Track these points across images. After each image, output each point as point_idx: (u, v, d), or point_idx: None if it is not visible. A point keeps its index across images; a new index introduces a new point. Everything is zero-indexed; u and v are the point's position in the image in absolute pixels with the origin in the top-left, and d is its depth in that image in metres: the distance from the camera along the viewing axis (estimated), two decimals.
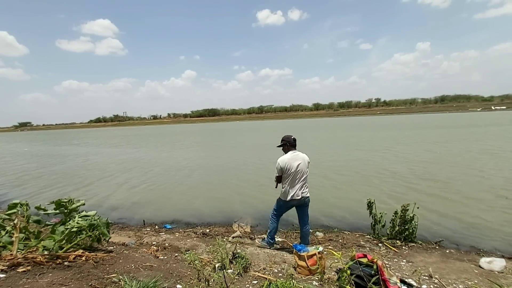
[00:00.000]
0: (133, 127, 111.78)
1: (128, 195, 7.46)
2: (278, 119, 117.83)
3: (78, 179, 9.91)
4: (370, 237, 4.32)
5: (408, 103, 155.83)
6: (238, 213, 5.70)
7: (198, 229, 4.93)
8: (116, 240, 3.95)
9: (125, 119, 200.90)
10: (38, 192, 8.20)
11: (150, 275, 2.25)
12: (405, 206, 4.03)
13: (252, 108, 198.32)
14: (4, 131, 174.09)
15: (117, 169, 11.74)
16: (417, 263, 3.32)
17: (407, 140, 17.34)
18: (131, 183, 8.87)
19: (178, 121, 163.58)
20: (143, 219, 5.51)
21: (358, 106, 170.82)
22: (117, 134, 53.18)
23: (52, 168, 12.87)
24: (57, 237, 2.44)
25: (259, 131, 38.90)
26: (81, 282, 1.89)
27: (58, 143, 32.19)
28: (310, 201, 3.78)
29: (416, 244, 3.98)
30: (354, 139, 19.63)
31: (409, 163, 9.86)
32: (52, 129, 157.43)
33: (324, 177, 8.40)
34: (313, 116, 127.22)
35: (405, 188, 6.87)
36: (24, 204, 2.74)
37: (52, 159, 16.49)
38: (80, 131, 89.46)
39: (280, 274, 2.97)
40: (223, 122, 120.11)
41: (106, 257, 2.50)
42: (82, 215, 2.78)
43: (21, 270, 1.93)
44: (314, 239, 4.35)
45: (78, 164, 14.24)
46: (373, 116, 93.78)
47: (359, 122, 50.13)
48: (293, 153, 3.62)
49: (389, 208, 4.74)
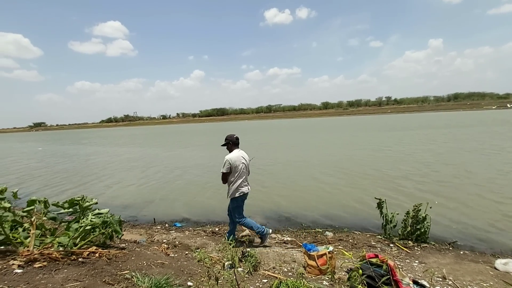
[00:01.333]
0: (143, 127, 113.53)
1: (138, 194, 7.59)
2: (287, 119, 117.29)
3: (88, 178, 10.14)
4: (381, 238, 4.25)
5: (420, 101, 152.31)
6: (247, 212, 5.70)
7: (208, 228, 4.96)
8: (128, 238, 4.02)
9: (136, 119, 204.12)
10: (51, 189, 8.43)
11: (161, 272, 2.29)
12: (417, 206, 3.95)
13: (260, 107, 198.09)
14: (19, 131, 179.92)
15: (126, 168, 11.95)
16: (430, 264, 3.25)
17: (420, 139, 16.99)
18: (141, 181, 9.01)
19: (187, 121, 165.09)
20: (153, 217, 5.60)
21: (368, 104, 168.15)
22: (127, 134, 54.13)
23: (62, 167, 13.22)
24: (72, 234, 2.50)
25: (267, 131, 38.82)
26: (95, 278, 1.93)
27: (70, 143, 33.00)
28: (320, 201, 3.76)
29: (429, 245, 3.89)
30: (363, 139, 19.36)
31: (422, 163, 9.66)
32: (65, 129, 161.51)
33: (334, 177, 8.33)
34: (322, 115, 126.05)
35: (417, 188, 6.73)
36: (41, 201, 2.82)
37: (64, 159, 16.92)
38: (92, 131, 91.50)
39: (290, 274, 2.96)
40: (231, 122, 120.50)
41: (118, 254, 2.55)
42: (96, 212, 2.84)
43: (38, 266, 1.99)
44: (323, 239, 4.31)
45: (88, 163, 14.57)
46: (384, 115, 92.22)
47: (369, 122, 49.37)
48: (238, 151, 3.80)
49: (401, 208, 4.66)
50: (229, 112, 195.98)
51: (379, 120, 53.95)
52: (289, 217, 5.46)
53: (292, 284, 1.99)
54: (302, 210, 5.78)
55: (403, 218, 4.12)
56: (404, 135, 20.16)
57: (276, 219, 5.39)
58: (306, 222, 5.14)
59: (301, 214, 5.57)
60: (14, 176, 11.38)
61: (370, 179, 7.77)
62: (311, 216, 5.42)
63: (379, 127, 31.89)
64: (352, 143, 17.12)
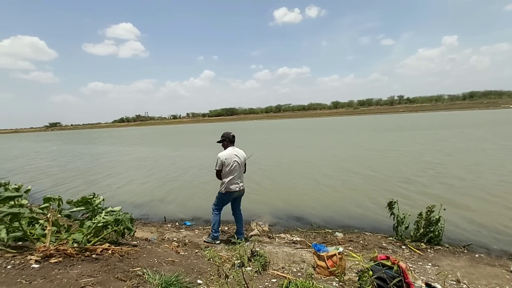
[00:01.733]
0: (154, 127, 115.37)
1: (149, 192, 7.71)
2: (296, 118, 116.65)
3: (99, 176, 10.38)
4: (393, 239, 4.18)
5: (434, 100, 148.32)
6: (257, 212, 5.72)
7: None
8: (139, 235, 4.10)
9: (147, 119, 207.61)
10: (63, 187, 8.69)
11: (172, 269, 2.32)
12: (430, 208, 3.86)
13: (269, 107, 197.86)
14: (36, 131, 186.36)
15: (137, 167, 12.17)
16: (443, 267, 3.17)
17: (432, 139, 16.58)
18: (151, 180, 9.16)
19: (197, 121, 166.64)
20: (164, 216, 5.68)
21: (380, 104, 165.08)
22: (138, 133, 55.15)
23: (74, 165, 13.59)
24: (85, 231, 2.57)
25: (276, 130, 38.71)
26: (108, 274, 1.98)
27: (83, 143, 33.89)
28: (330, 201, 3.74)
29: (442, 247, 3.80)
30: (373, 139, 19.06)
31: (433, 164, 9.43)
32: (80, 129, 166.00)
33: (343, 177, 8.23)
34: (332, 115, 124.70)
35: (428, 189, 6.57)
36: (56, 199, 2.91)
37: (76, 158, 17.39)
38: (105, 131, 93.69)
39: (299, 274, 2.95)
40: (241, 122, 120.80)
41: (130, 251, 2.60)
42: (108, 210, 2.91)
43: (53, 261, 2.05)
44: (333, 240, 4.27)
45: (100, 162, 14.91)
46: (396, 114, 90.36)
47: (380, 121, 48.50)
48: (232, 149, 3.90)
49: (412, 209, 4.56)
50: (238, 112, 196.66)
51: (391, 119, 52.96)
52: (298, 217, 5.43)
53: (301, 285, 1.99)
54: (312, 210, 5.74)
55: (415, 219, 4.03)
56: (415, 135, 19.72)
57: (285, 219, 5.38)
58: (316, 222, 5.11)
59: (311, 214, 5.53)
60: (29, 174, 11.78)
61: (379, 180, 7.64)
62: (320, 216, 5.38)
63: (390, 126, 31.32)
64: (361, 143, 16.87)
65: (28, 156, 20.42)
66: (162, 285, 1.87)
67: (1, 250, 2.13)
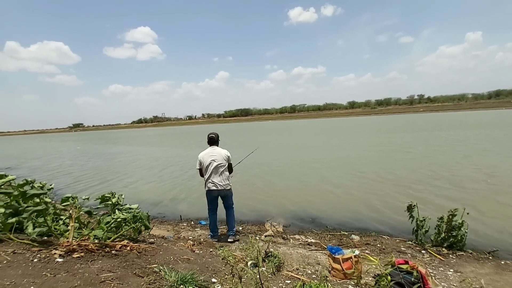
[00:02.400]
0: (170, 127, 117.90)
1: (165, 191, 7.88)
2: (311, 119, 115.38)
3: (117, 175, 10.73)
4: (412, 243, 4.03)
5: (457, 99, 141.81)
6: (271, 212, 5.71)
7: None
8: (156, 233, 4.21)
9: (164, 120, 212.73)
10: (82, 184, 9.05)
11: (187, 267, 2.36)
12: (452, 211, 3.70)
13: (284, 107, 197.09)
14: (60, 131, 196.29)
15: (153, 166, 12.46)
16: (466, 274, 3.03)
17: (453, 140, 15.90)
18: (167, 179, 9.35)
19: (212, 121, 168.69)
20: (179, 215, 5.79)
21: (399, 103, 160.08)
22: (155, 134, 56.58)
23: (94, 164, 14.13)
24: (105, 227, 2.67)
25: (291, 131, 38.47)
26: (126, 270, 2.04)
27: (103, 143, 35.18)
28: (346, 203, 3.67)
29: (465, 253, 3.63)
30: (391, 140, 18.51)
31: (454, 166, 9.03)
32: (101, 130, 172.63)
33: (360, 178, 8.05)
34: (348, 115, 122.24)
35: (449, 192, 6.30)
36: (75, 197, 3.04)
37: (96, 157, 18.07)
38: (124, 131, 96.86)
39: (314, 276, 2.91)
40: (255, 122, 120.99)
41: (148, 248, 2.67)
42: (126, 207, 3.01)
43: (76, 256, 2.14)
44: (349, 242, 4.18)
45: (117, 161, 15.41)
46: (415, 114, 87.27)
47: (398, 121, 47.05)
48: (211, 149, 4.07)
49: (432, 212, 4.39)
50: (253, 112, 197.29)
51: (410, 119, 51.20)
52: (313, 218, 5.37)
53: (315, 287, 1.96)
54: (327, 211, 5.65)
55: (436, 223, 3.88)
56: (435, 135, 18.96)
57: (299, 220, 5.33)
58: (331, 224, 5.03)
59: (325, 215, 5.45)
60: (50, 172, 12.37)
61: (396, 182, 7.41)
62: (335, 218, 5.28)
63: (410, 127, 30.30)
64: (377, 144, 16.43)
65: (52, 155, 21.46)
66: (177, 282, 1.90)
67: (28, 244, 2.24)
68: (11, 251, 2.06)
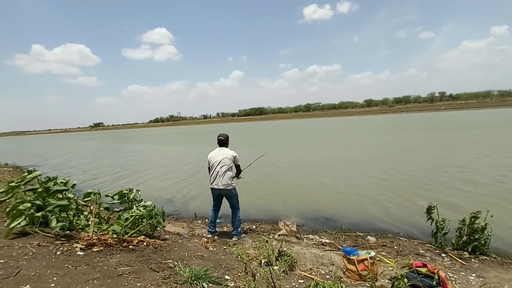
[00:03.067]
0: (186, 126, 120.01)
1: (179, 189, 8.03)
2: (326, 117, 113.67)
3: (132, 172, 11.04)
4: (432, 246, 3.89)
5: (481, 97, 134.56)
6: (284, 212, 5.69)
7: (245, 225, 5.05)
8: (171, 230, 4.30)
9: (179, 119, 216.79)
10: (100, 180, 9.38)
11: (201, 264, 2.40)
12: (475, 214, 3.54)
13: (299, 106, 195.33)
14: (82, 130, 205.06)
15: (168, 164, 12.72)
16: (489, 279, 2.89)
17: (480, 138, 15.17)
18: (183, 177, 9.54)
19: (226, 120, 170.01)
20: (194, 212, 5.88)
21: (418, 101, 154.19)
22: (171, 132, 57.78)
23: (112, 161, 14.61)
24: (123, 223, 2.76)
25: (306, 130, 38.10)
26: (143, 264, 2.10)
27: (121, 141, 36.35)
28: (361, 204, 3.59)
29: (489, 258, 3.46)
30: (408, 140, 17.92)
31: (482, 167, 8.61)
32: (120, 129, 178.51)
33: (377, 179, 7.86)
34: (365, 113, 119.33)
35: (475, 193, 6.02)
36: (96, 193, 3.16)
37: (115, 154, 18.68)
38: (141, 130, 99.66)
39: (328, 276, 2.88)
40: (270, 121, 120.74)
41: (163, 244, 2.73)
42: (141, 204, 3.09)
43: (96, 250, 2.23)
44: (365, 243, 4.09)
45: (134, 158, 15.87)
46: (436, 112, 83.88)
47: (418, 120, 45.43)
48: (218, 149, 4.20)
49: (455, 214, 4.22)
50: (267, 111, 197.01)
51: (430, 118, 49.32)
52: (327, 218, 5.30)
53: (329, 287, 1.94)
54: (341, 211, 5.56)
55: (457, 225, 3.72)
56: (457, 135, 18.16)
57: (313, 220, 5.28)
58: (346, 225, 4.94)
59: (340, 216, 5.37)
60: (71, 169, 12.92)
61: (414, 182, 7.16)
62: (351, 219, 5.19)
63: (428, 126, 29.21)
64: (395, 143, 15.96)
65: (73, 153, 22.42)
66: (191, 278, 1.94)
67: (52, 238, 2.36)
68: (36, 243, 2.17)
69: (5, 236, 2.25)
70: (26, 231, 2.39)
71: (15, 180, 2.68)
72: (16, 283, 1.56)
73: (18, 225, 2.33)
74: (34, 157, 21.06)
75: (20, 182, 2.65)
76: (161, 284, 1.83)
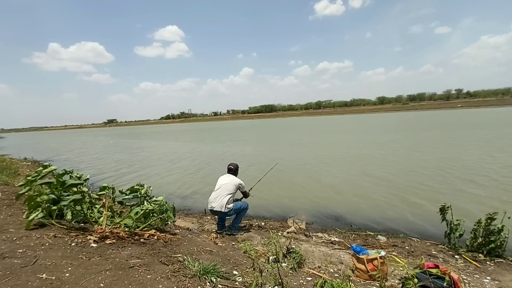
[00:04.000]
0: (196, 123, 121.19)
1: (190, 185, 8.13)
2: (337, 115, 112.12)
3: (141, 167, 11.24)
4: (445, 247, 3.80)
5: (500, 94, 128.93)
6: (294, 209, 5.67)
7: (254, 222, 5.08)
8: (181, 225, 4.37)
9: (190, 116, 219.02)
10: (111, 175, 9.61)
11: (210, 258, 2.43)
12: (491, 215, 3.42)
13: (309, 103, 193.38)
14: (96, 126, 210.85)
15: (178, 160, 12.90)
16: (505, 283, 2.80)
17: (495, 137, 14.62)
18: (193, 173, 9.65)
19: (236, 117, 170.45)
20: (204, 208, 5.95)
21: (433, 98, 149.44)
22: (181, 129, 58.51)
23: (123, 157, 14.93)
24: (134, 217, 2.82)
25: (316, 127, 37.73)
26: (153, 258, 2.15)
27: (133, 138, 37.10)
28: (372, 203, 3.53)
29: (505, 261, 3.35)
30: (422, 137, 17.46)
31: (497, 167, 8.31)
32: (132, 125, 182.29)
33: (388, 177, 7.72)
34: (377, 111, 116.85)
35: (486, 194, 5.82)
36: (110, 187, 3.24)
37: (126, 150, 19.09)
38: (153, 127, 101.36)
39: (336, 275, 2.86)
40: (280, 118, 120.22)
41: (173, 239, 2.79)
42: (153, 199, 3.15)
43: (108, 242, 2.29)
44: (375, 243, 4.04)
45: (144, 155, 16.17)
46: (452, 110, 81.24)
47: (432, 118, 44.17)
48: (227, 175, 4.44)
49: (468, 216, 4.10)
50: (277, 108, 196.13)
51: (446, 116, 47.83)
52: (337, 216, 5.25)
53: (337, 285, 1.92)
54: (352, 210, 5.50)
55: (472, 227, 3.61)
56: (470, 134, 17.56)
57: (323, 218, 5.24)
58: (356, 224, 4.89)
59: (350, 214, 5.31)
60: (84, 164, 13.29)
61: (426, 183, 6.98)
62: (361, 218, 5.12)
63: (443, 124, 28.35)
64: (407, 142, 15.58)
65: (86, 148, 23.07)
66: (200, 272, 1.97)
67: (67, 229, 2.44)
68: (52, 235, 2.26)
69: (25, 227, 2.34)
70: (43, 223, 2.48)
71: (32, 175, 2.79)
72: (33, 272, 1.63)
73: (36, 217, 2.42)
74: (50, 151, 21.82)
75: (36, 176, 2.75)
76: (171, 277, 1.86)
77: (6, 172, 7.55)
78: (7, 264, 1.68)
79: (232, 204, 4.21)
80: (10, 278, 1.54)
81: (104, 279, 1.68)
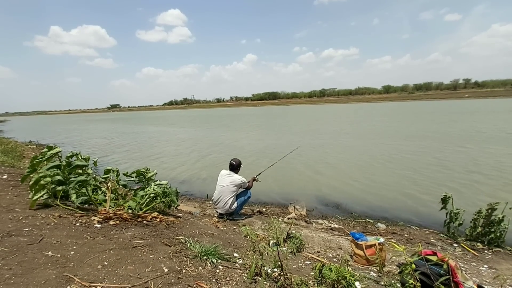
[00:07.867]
0: (199, 110, 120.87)
1: (194, 171, 8.21)
2: (342, 103, 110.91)
3: (148, 153, 11.33)
4: (444, 236, 3.84)
5: (510, 84, 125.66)
6: (295, 196, 5.72)
7: (255, 207, 5.15)
8: (184, 209, 4.44)
9: (193, 102, 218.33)
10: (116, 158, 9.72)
11: (211, 241, 2.48)
12: (492, 205, 3.43)
13: (313, 91, 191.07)
14: (100, 111, 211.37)
15: (181, 146, 12.97)
16: (502, 271, 2.84)
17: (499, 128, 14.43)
18: (196, 159, 9.71)
19: (239, 104, 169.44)
20: (206, 194, 6.03)
21: (440, 88, 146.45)
22: (185, 115, 58.43)
23: (126, 141, 15.04)
24: (138, 199, 2.87)
25: (319, 116, 37.47)
26: (155, 239, 2.20)
27: (136, 123, 37.19)
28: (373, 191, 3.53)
29: (503, 250, 3.38)
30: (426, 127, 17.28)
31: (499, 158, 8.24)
32: (135, 111, 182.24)
33: (389, 167, 7.71)
34: (382, 100, 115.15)
35: (489, 184, 5.81)
36: (115, 170, 3.28)
37: (129, 135, 19.20)
38: (155, 113, 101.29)
39: (335, 260, 2.92)
40: (283, 106, 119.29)
41: (175, 221, 2.84)
42: (157, 183, 3.19)
43: (112, 223, 2.35)
44: (374, 230, 4.09)
45: (149, 140, 16.26)
46: (459, 100, 79.81)
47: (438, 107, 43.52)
48: (228, 173, 4.36)
49: (467, 206, 4.11)
50: (281, 96, 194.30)
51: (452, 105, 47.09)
52: (337, 204, 5.30)
53: (335, 269, 1.96)
54: (352, 198, 5.54)
55: (472, 217, 3.63)
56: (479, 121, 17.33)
57: (323, 205, 5.29)
58: (356, 211, 4.93)
59: (351, 202, 5.35)
60: (90, 147, 13.42)
61: (427, 173, 6.97)
62: (361, 206, 5.17)
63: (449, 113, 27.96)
64: (411, 131, 15.45)
65: (90, 133, 23.23)
66: (201, 254, 2.01)
67: (72, 210, 2.49)
68: (57, 215, 2.31)
69: (30, 206, 2.40)
70: (49, 203, 2.53)
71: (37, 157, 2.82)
72: (39, 250, 1.68)
73: (41, 198, 2.47)
74: (55, 135, 22.02)
75: (41, 158, 2.78)
76: (173, 257, 1.91)
77: (12, 155, 7.66)
78: (14, 242, 1.73)
79: (236, 203, 4.27)
80: (17, 254, 1.59)
81: (108, 257, 1.73)
